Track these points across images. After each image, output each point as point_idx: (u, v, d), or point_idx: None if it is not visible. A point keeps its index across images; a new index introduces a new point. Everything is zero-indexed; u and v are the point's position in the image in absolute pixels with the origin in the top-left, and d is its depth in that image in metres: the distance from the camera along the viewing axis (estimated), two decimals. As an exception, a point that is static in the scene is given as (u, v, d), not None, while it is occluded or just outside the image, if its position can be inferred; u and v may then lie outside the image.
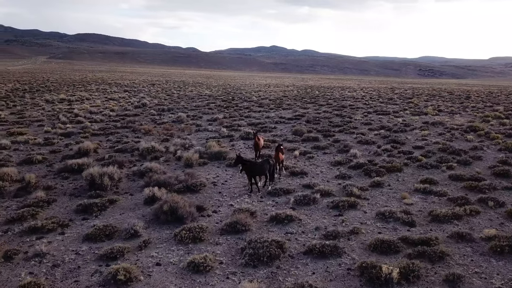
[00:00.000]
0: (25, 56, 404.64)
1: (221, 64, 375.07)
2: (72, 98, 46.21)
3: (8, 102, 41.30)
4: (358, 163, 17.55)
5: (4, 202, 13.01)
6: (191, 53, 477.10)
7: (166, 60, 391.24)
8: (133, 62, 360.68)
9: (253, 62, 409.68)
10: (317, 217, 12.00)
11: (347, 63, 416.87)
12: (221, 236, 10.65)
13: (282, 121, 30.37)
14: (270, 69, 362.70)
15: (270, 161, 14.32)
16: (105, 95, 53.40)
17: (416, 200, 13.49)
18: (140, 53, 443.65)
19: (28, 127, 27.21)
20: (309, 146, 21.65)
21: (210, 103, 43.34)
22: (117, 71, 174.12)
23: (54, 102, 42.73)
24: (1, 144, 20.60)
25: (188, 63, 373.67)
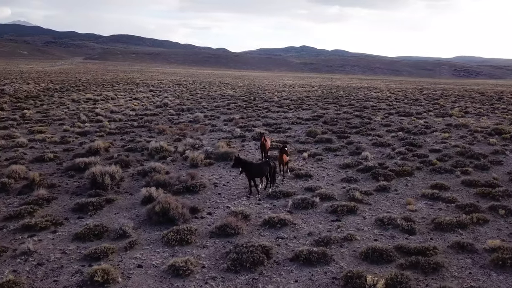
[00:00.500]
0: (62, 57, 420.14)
1: (250, 64, 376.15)
2: (98, 98, 47.33)
3: (37, 101, 42.75)
4: (367, 166, 16.95)
5: (7, 199, 13.30)
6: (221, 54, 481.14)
7: (197, 60, 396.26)
8: (164, 62, 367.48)
9: (282, 62, 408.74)
10: (313, 221, 11.60)
11: (378, 63, 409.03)
12: (210, 239, 10.45)
13: (298, 122, 29.92)
14: (299, 69, 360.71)
15: (270, 163, 14.01)
16: (131, 94, 54.45)
17: (422, 207, 12.83)
18: (171, 54, 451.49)
19: (49, 126, 27.98)
20: (321, 147, 21.15)
21: (230, 103, 43.34)
22: (148, 71, 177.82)
23: (80, 102, 43.83)
24: (18, 142, 21.25)
25: (218, 63, 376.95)
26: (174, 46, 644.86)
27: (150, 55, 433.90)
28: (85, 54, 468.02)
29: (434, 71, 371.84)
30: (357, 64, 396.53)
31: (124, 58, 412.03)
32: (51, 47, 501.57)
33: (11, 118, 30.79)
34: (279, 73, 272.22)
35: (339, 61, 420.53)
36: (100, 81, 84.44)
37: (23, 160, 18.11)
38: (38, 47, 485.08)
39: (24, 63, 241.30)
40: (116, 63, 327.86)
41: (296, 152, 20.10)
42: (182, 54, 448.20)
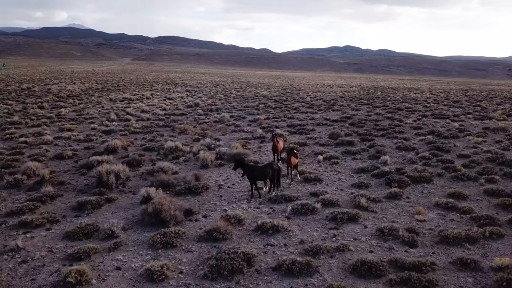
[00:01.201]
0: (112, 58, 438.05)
1: (292, 64, 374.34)
2: (134, 97, 48.60)
3: (76, 100, 44.53)
4: (382, 171, 16.03)
5: (16, 195, 13.71)
6: (264, 54, 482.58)
7: (240, 61, 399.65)
8: (208, 63, 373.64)
9: (325, 63, 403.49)
10: (309, 229, 11.02)
11: (425, 63, 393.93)
12: (197, 243, 10.17)
13: (324, 123, 29.09)
14: (343, 69, 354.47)
15: (273, 166, 13.54)
16: (166, 94, 55.50)
17: (432, 217, 11.89)
18: (214, 55, 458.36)
19: (79, 124, 28.93)
20: (340, 150, 20.34)
21: (261, 103, 43.03)
22: (190, 71, 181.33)
23: (116, 101, 45.17)
24: (43, 140, 22.06)
25: (260, 64, 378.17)
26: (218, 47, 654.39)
27: (195, 56, 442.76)
28: (133, 55, 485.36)
29: (487, 71, 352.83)
30: (404, 64, 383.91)
31: (170, 59, 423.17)
32: (102, 48, 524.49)
33: (47, 116, 32.18)
34: (321, 73, 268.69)
35: (384, 61, 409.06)
36: (142, 81, 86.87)
37: (43, 157, 18.73)
38: (90, 48, 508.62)
39: (76, 63, 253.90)
40: (161, 63, 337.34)
41: (312, 155, 19.46)
42: (225, 54, 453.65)
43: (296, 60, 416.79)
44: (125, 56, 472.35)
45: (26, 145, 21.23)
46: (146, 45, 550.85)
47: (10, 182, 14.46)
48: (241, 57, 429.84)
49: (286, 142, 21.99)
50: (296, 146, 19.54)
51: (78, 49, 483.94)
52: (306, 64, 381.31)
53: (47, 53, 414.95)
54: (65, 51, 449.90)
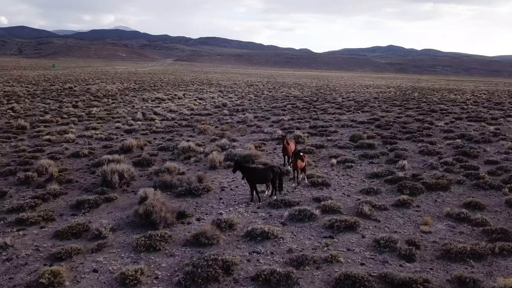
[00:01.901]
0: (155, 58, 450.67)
1: (332, 65, 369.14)
2: (165, 97, 49.40)
3: (110, 99, 45.88)
4: (396, 177, 15.11)
5: (24, 192, 14.02)
6: (303, 55, 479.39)
7: (279, 61, 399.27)
8: (247, 63, 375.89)
9: (367, 63, 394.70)
10: (301, 237, 10.46)
11: (474, 63, 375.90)
12: (182, 247, 9.88)
13: (349, 125, 28.14)
14: (385, 69, 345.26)
15: (274, 169, 13.05)
16: (199, 94, 56.07)
17: (440, 228, 10.96)
18: (254, 55, 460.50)
19: (106, 123, 29.63)
20: (358, 153, 19.47)
21: (289, 104, 42.44)
22: (229, 72, 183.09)
23: (148, 101, 46.11)
24: (65, 138, 22.68)
25: (300, 64, 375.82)
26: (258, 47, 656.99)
27: (235, 57, 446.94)
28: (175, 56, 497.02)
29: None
30: (450, 65, 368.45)
31: (210, 59, 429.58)
32: (146, 49, 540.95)
33: (78, 115, 33.23)
34: (362, 73, 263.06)
35: (429, 61, 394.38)
36: (179, 81, 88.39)
37: (61, 155, 19.21)
38: (134, 49, 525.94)
39: (121, 64, 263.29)
40: (202, 64, 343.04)
41: (327, 158, 18.74)
42: (265, 55, 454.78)
43: (336, 60, 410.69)
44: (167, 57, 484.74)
45: (49, 143, 21.92)
46: (188, 46, 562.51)
47: (20, 179, 14.85)
48: (280, 57, 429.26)
49: (304, 144, 21.38)
50: (301, 148, 18.86)
51: (124, 50, 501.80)
52: (346, 64, 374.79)
53: (95, 54, 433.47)
54: (111, 52, 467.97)
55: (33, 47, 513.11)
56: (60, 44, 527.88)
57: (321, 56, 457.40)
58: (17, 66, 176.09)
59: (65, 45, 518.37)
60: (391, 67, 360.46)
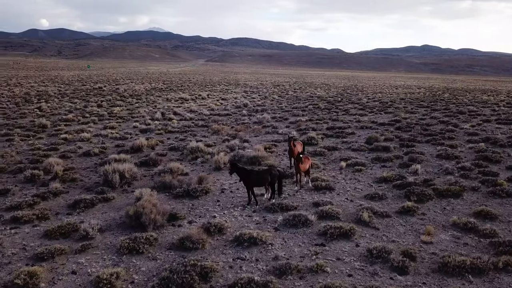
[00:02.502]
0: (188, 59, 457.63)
1: (364, 65, 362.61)
2: (189, 97, 49.74)
3: (135, 99, 46.66)
4: (405, 182, 14.32)
5: (28, 190, 14.19)
6: (335, 55, 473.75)
7: (310, 62, 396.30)
8: (278, 64, 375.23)
9: (400, 63, 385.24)
10: (292, 243, 9.99)
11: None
12: (166, 251, 9.64)
13: (369, 126, 27.23)
14: (419, 69, 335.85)
15: (272, 171, 12.62)
16: (223, 94, 56.19)
17: (443, 239, 10.21)
18: (285, 55, 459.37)
19: (125, 122, 30.00)
20: (372, 156, 18.70)
21: (311, 104, 41.71)
22: (259, 72, 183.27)
23: (171, 101, 46.54)
24: (80, 137, 23.05)
25: (331, 64, 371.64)
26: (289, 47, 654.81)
27: (265, 57, 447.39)
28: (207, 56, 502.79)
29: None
30: (489, 65, 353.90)
31: (241, 60, 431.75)
32: (178, 50, 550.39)
33: (100, 114, 33.86)
34: (395, 74, 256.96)
35: (466, 61, 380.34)
36: (208, 82, 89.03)
37: (73, 154, 19.48)
38: (167, 50, 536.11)
39: (153, 65, 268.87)
40: (233, 65, 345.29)
41: (338, 160, 18.08)
42: (296, 55, 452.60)
43: (369, 61, 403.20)
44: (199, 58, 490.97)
45: (64, 142, 22.33)
46: (219, 47, 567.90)
47: (27, 177, 15.09)
48: (311, 57, 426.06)
49: (317, 146, 20.81)
50: (313, 150, 18.26)
51: (157, 51, 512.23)
52: (379, 64, 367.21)
53: (129, 55, 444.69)
54: (145, 53, 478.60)
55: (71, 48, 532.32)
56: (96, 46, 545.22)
57: (353, 56, 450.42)
58: (55, 66, 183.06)
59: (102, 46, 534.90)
60: (426, 67, 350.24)
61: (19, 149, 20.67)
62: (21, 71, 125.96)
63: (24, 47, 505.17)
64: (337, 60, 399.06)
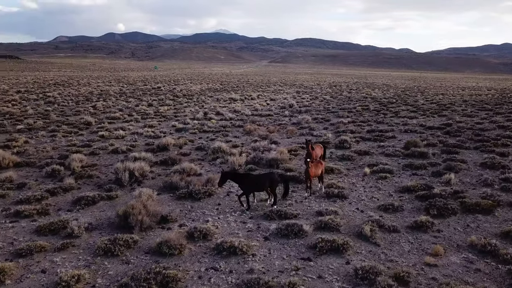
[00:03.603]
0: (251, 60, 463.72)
1: (435, 65, 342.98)
2: (238, 98, 49.86)
3: (185, 99, 47.71)
4: (430, 193, 12.77)
5: (44, 184, 14.57)
6: (403, 55, 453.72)
7: (376, 62, 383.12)
8: (342, 64, 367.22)
9: (476, 63, 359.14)
10: (276, 255, 9.14)
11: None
12: (143, 255, 9.25)
13: (414, 130, 25.21)
14: (497, 70, 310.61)
15: (272, 176, 11.83)
16: (274, 95, 55.70)
17: (452, 262, 8.78)
18: (350, 56, 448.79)
19: (166, 121, 30.53)
20: (404, 163, 17.09)
21: (361, 105, 39.79)
22: (321, 73, 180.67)
23: (220, 101, 46.92)
24: (116, 134, 23.70)
25: (399, 65, 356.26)
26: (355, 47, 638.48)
27: (329, 57, 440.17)
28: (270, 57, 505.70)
29: None
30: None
31: (305, 60, 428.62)
32: (243, 51, 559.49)
33: (146, 112, 34.90)
34: (468, 74, 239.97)
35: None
36: (265, 82, 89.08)
37: (102, 151, 20.00)
38: (232, 52, 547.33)
39: (218, 66, 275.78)
40: (296, 65, 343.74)
41: (365, 166, 16.73)
42: (361, 55, 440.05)
43: (440, 60, 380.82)
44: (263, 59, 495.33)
45: (100, 139, 23.08)
46: (283, 48, 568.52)
47: (47, 172, 15.63)
48: (378, 57, 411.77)
49: (348, 150, 19.54)
50: (341, 154, 16.88)
51: (222, 53, 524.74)
52: (451, 64, 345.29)
53: (196, 57, 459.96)
54: (211, 55, 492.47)
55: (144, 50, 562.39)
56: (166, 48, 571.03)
57: (423, 56, 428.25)
58: (127, 68, 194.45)
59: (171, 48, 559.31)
60: (505, 68, 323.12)
61: (57, 144, 21.66)
62: (95, 72, 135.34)
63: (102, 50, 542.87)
64: (405, 61, 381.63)
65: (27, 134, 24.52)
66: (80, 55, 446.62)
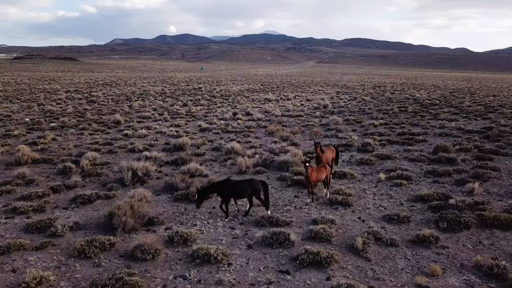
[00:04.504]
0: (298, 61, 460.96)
1: (494, 65, 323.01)
2: (274, 98, 49.25)
3: (221, 99, 47.83)
4: (445, 204, 11.50)
5: (55, 181, 14.72)
6: (459, 55, 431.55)
7: (429, 62, 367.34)
8: (392, 64, 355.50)
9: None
10: (252, 266, 8.47)
11: None
12: (117, 258, 8.90)
13: (449, 134, 23.39)
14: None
15: (253, 182, 10.99)
16: (312, 95, 54.59)
17: (449, 284, 7.67)
18: (401, 56, 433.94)
19: (195, 121, 30.53)
20: (427, 169, 15.72)
21: (399, 107, 37.81)
22: (369, 74, 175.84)
23: (255, 101, 46.55)
24: (138, 134, 23.90)
25: (454, 65, 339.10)
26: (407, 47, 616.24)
27: (379, 58, 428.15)
28: (318, 58, 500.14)
29: None
30: None
31: (353, 61, 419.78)
32: (290, 52, 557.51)
33: (178, 112, 35.21)
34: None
35: None
36: (308, 83, 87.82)
37: (121, 149, 20.18)
38: (279, 53, 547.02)
39: (264, 67, 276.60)
40: (344, 66, 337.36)
41: (383, 171, 15.56)
42: (413, 55, 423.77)
43: (501, 61, 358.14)
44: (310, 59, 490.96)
45: (123, 137, 23.36)
46: (331, 48, 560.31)
47: (59, 169, 15.88)
48: (431, 58, 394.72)
49: (371, 153, 18.39)
50: (359, 158, 15.96)
51: (270, 54, 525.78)
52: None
53: (243, 58, 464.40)
54: (258, 56, 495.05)
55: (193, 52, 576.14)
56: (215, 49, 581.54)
57: (481, 56, 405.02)
58: (175, 69, 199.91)
59: (219, 49, 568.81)
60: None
61: (82, 142, 22.14)
62: (145, 73, 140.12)
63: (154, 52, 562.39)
64: (462, 61, 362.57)
65: (59, 131, 25.34)
66: (133, 57, 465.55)
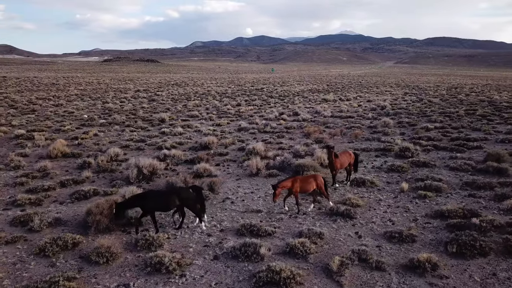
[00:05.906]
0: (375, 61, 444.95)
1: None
2: (332, 99, 47.32)
3: (276, 99, 47.08)
4: (466, 223, 9.55)
5: (68, 175, 14.99)
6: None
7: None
8: (481, 65, 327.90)
9: None
10: (204, 280, 7.51)
11: None
12: (76, 259, 8.47)
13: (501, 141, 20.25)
14: None
15: (181, 191, 9.81)
16: (375, 96, 51.70)
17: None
18: (491, 56, 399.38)
19: (238, 121, 30.01)
20: (466, 180, 13.49)
21: (467, 109, 34.04)
22: (451, 75, 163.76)
23: (311, 101, 45.07)
24: (174, 132, 23.90)
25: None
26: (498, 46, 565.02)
27: (465, 58, 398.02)
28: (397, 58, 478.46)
29: None
30: None
31: (436, 61, 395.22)
32: (367, 53, 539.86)
33: (227, 111, 35.05)
34: None
35: None
36: (379, 83, 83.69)
37: (150, 146, 20.25)
38: (356, 53, 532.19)
39: (338, 67, 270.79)
40: (424, 66, 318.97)
41: (414, 181, 13.65)
42: (506, 55, 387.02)
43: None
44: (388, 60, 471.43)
45: (158, 135, 23.53)
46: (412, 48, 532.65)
47: (79, 164, 16.19)
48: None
49: (409, 159, 16.40)
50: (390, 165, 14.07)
51: (345, 54, 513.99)
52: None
53: (318, 59, 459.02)
54: (333, 56, 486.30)
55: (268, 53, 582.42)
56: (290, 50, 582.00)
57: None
58: (248, 70, 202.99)
59: (294, 51, 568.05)
60: None
61: (120, 139, 22.61)
62: (218, 74, 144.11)
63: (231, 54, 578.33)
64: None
65: (104, 128, 26.30)
66: (211, 59, 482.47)
